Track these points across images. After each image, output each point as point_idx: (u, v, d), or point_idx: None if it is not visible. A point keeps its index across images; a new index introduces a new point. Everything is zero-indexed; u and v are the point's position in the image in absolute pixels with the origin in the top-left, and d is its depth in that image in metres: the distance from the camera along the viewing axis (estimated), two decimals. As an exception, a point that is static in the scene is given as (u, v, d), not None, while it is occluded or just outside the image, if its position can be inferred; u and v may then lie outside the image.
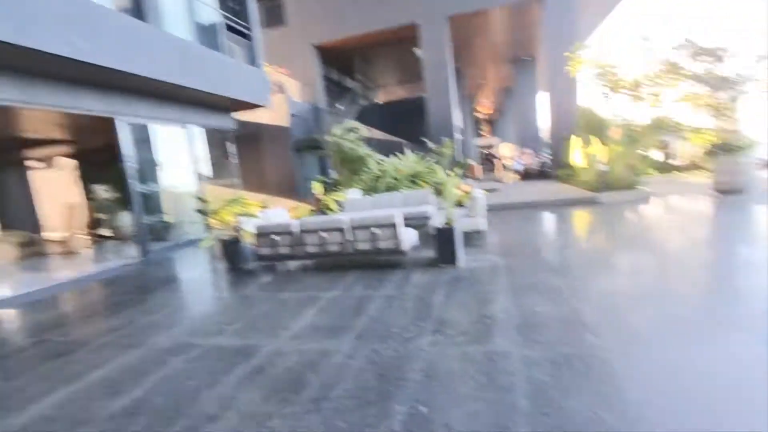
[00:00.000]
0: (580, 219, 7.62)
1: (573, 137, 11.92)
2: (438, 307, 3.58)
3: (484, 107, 31.79)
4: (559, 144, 13.62)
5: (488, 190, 11.65)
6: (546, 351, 2.57)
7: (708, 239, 5.41)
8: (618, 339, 2.66)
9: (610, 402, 2.01)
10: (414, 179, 10.03)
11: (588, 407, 1.98)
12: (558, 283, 3.89)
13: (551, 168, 14.75)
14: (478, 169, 19.28)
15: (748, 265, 4.09)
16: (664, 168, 12.62)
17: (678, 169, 12.90)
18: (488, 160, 29.02)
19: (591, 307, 3.24)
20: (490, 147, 33.98)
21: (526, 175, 16.47)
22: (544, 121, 19.76)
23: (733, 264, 4.24)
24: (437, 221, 5.25)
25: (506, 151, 26.80)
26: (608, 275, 4.18)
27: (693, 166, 11.94)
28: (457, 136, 16.51)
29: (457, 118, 17.91)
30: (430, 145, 13.76)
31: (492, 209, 9.27)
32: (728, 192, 8.01)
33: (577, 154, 11.51)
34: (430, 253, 5.36)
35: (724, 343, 2.51)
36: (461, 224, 5.65)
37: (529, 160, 17.70)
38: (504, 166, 21.13)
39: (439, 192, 5.12)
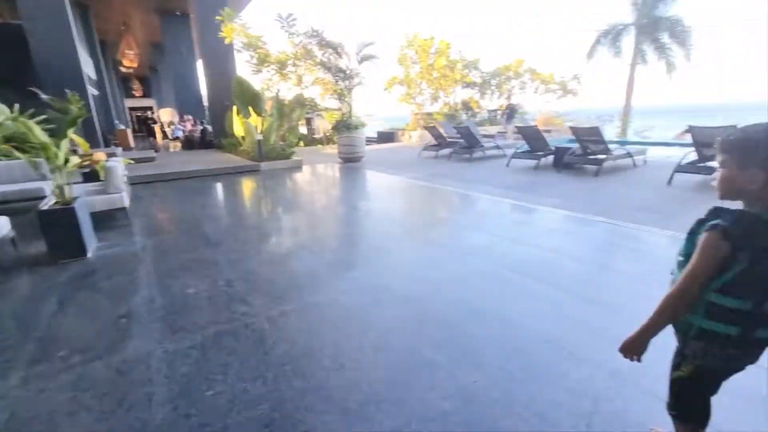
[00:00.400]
0: (243, 188, 7.77)
1: (234, 107, 11.90)
2: (46, 322, 2.55)
3: (131, 61, 26.51)
4: (220, 112, 13.28)
5: (141, 160, 9.89)
6: (194, 337, 2.30)
7: (339, 198, 6.78)
8: (266, 301, 2.75)
9: (257, 369, 2.00)
10: (13, 143, 6.96)
11: (235, 385, 1.88)
12: (215, 257, 3.69)
13: (214, 137, 14.33)
14: (130, 136, 16.09)
15: (363, 215, 5.39)
16: (310, 141, 14.99)
17: (320, 141, 15.67)
18: (145, 126, 24.85)
19: (247, 276, 3.24)
20: (146, 110, 29.14)
21: (189, 143, 15.27)
22: (205, 88, 18.74)
23: (354, 216, 5.46)
24: (51, 201, 3.79)
25: (166, 117, 23.81)
26: (266, 239, 4.39)
27: (328, 140, 14.82)
28: (92, 90, 12.90)
29: (89, 67, 13.97)
30: (44, 97, 10.02)
31: (146, 181, 7.93)
32: (349, 160, 10.43)
33: (237, 123, 11.61)
34: (42, 246, 3.83)
35: (344, 280, 3.10)
36: (91, 202, 4.37)
37: (191, 127, 16.47)
38: (164, 134, 18.72)
39: (49, 161, 3.65)
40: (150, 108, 30.78)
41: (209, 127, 15.18)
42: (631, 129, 17.06)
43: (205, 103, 19.24)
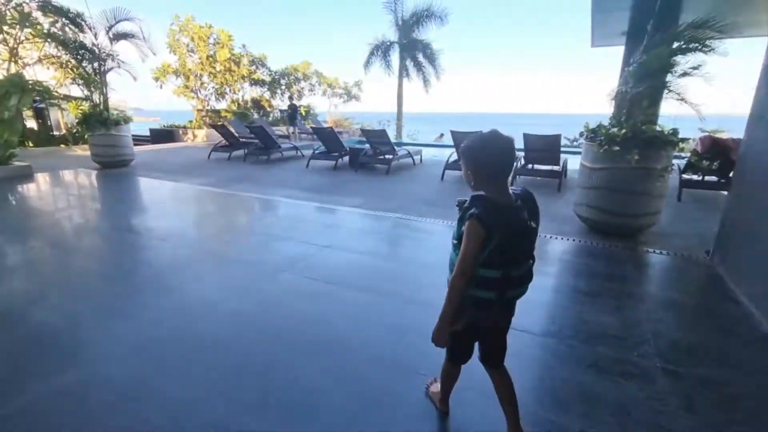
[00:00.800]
0: None
1: None
2: None
3: None
4: None
5: None
6: None
7: (100, 216, 5.11)
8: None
9: None
10: None
11: None
12: None
13: None
14: None
15: (140, 238, 4.15)
16: (45, 139, 11.12)
17: (63, 140, 11.82)
18: None
19: None
20: None
21: None
22: None
23: (126, 240, 4.14)
24: None
25: None
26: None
27: (75, 138, 11.35)
28: None
29: None
30: None
31: None
32: (110, 165, 8.19)
33: None
34: None
35: (105, 341, 2.19)
36: None
37: None
38: None
39: None
40: None
41: None
42: (404, 132, 19.93)
43: None
